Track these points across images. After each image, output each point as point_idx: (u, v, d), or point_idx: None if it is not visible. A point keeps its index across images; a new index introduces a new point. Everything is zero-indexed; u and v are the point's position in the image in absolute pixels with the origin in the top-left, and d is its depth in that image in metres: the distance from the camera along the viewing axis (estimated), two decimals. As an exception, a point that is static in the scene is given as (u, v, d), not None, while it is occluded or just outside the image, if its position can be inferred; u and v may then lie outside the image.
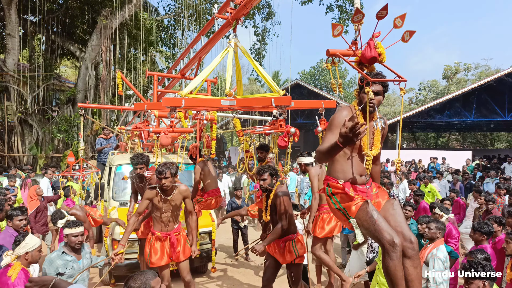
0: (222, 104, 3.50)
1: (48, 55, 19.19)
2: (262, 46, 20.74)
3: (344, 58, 2.69)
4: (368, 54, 2.52)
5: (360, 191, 2.53)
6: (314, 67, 44.81)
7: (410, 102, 40.29)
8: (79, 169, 7.37)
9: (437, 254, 3.85)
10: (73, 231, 3.60)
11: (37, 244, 3.34)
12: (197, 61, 4.80)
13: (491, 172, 11.48)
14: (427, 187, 8.91)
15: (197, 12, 18.73)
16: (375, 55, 2.51)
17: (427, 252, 3.97)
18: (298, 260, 4.20)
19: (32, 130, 17.69)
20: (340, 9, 17.42)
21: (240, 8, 3.57)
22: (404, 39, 2.61)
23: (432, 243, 4.01)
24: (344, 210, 2.49)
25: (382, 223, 2.39)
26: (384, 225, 2.38)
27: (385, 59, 2.58)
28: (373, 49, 2.52)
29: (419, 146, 37.33)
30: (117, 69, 18.60)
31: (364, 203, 2.45)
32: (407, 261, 2.43)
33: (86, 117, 7.36)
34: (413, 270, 2.43)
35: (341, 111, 2.61)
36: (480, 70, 35.60)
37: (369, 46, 2.53)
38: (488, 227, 4.13)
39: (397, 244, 2.32)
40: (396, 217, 2.52)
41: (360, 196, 2.49)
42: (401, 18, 2.52)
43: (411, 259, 2.43)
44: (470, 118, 20.78)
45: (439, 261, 3.82)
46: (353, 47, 2.73)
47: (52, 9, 18.27)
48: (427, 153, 18.24)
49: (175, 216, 4.42)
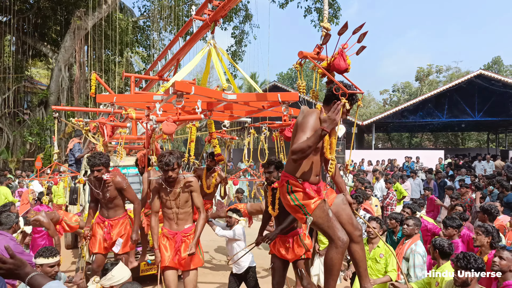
0: (223, 97, 3.52)
1: (19, 56, 18.59)
2: (239, 49, 20.76)
3: (314, 62, 2.88)
4: (342, 65, 2.71)
5: (315, 190, 2.72)
6: (292, 69, 45.20)
7: (385, 103, 41.22)
8: (55, 172, 7.20)
9: (416, 250, 4.04)
10: (48, 261, 3.36)
11: (126, 277, 3.11)
12: (175, 62, 4.78)
13: (462, 170, 11.90)
14: (394, 186, 9.38)
15: (173, 14, 18.57)
16: (348, 67, 2.72)
17: (406, 247, 4.14)
18: (307, 254, 4.11)
19: (2, 134, 17.09)
20: (319, 12, 17.64)
21: (218, 10, 3.57)
22: (357, 53, 2.79)
23: (410, 239, 4.18)
24: (303, 207, 2.68)
25: (335, 221, 2.71)
26: (336, 223, 2.71)
27: (349, 70, 2.77)
28: (345, 61, 2.71)
29: (393, 146, 38.22)
30: (91, 71, 18.21)
31: (321, 201, 2.69)
32: (355, 246, 2.87)
33: (61, 119, 7.16)
34: (361, 252, 2.90)
35: (312, 114, 2.64)
36: (451, 72, 36.80)
37: (343, 57, 2.70)
38: (458, 221, 4.35)
39: (346, 242, 2.68)
40: (346, 210, 2.89)
41: (317, 195, 2.71)
42: (363, 35, 2.68)
43: (359, 243, 2.88)
44: (442, 119, 21.44)
45: (419, 256, 4.01)
46: (317, 51, 2.91)
47: (23, 9, 17.71)
48: (401, 152, 18.69)
49: (185, 213, 3.92)
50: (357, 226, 2.89)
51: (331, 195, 2.93)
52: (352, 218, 2.90)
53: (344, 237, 2.66)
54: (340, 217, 2.83)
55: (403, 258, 4.12)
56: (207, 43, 3.84)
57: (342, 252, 2.68)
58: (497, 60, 37.85)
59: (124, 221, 4.54)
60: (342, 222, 2.81)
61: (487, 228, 3.76)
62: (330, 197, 2.89)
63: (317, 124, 2.56)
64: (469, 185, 9.83)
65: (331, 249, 2.71)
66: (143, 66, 22.83)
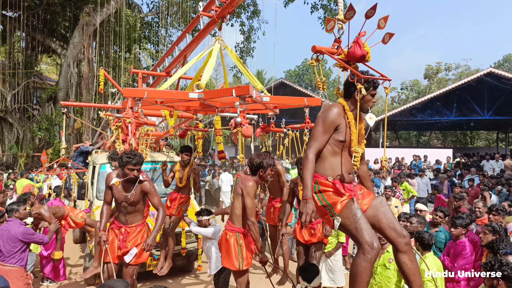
0: (190, 97, 3.44)
1: (28, 52, 18.73)
2: (248, 45, 20.70)
3: (330, 54, 2.69)
4: (358, 52, 2.53)
5: (348, 189, 2.52)
6: (299, 66, 44.99)
7: (393, 101, 40.92)
8: (62, 167, 7.27)
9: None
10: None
11: None
12: (182, 59, 4.78)
13: (472, 170, 11.77)
14: (402, 185, 9.20)
15: (181, 10, 18.57)
16: (364, 53, 2.54)
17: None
18: (325, 240, 4.61)
19: (12, 128, 17.29)
20: (325, 8, 17.51)
21: (226, 6, 3.56)
22: (384, 40, 2.66)
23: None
24: (330, 207, 2.48)
25: (365, 223, 2.40)
26: (366, 226, 2.39)
27: (370, 58, 2.61)
28: (362, 47, 2.53)
29: (401, 144, 37.95)
30: (99, 67, 18.32)
31: (349, 200, 2.45)
32: (403, 256, 2.47)
33: (69, 115, 7.19)
34: (411, 264, 2.47)
35: (332, 108, 2.60)
36: (461, 70, 36.44)
37: (358, 44, 2.54)
38: (465, 220, 4.30)
39: (375, 248, 2.34)
40: (387, 214, 2.54)
41: (347, 194, 2.49)
42: (384, 20, 2.57)
43: (406, 253, 2.47)
44: (451, 117, 21.23)
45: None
46: (336, 45, 2.74)
47: (32, 5, 17.83)
48: (409, 151, 18.55)
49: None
50: (402, 232, 2.50)
51: (368, 196, 2.65)
52: (395, 223, 2.53)
53: (374, 242, 2.34)
54: (380, 221, 2.52)
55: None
56: (215, 39, 3.81)
57: (370, 260, 2.34)
58: (509, 58, 37.34)
59: (142, 229, 4.16)
60: (383, 228, 2.52)
61: (494, 227, 3.77)
62: (366, 200, 2.62)
63: (334, 119, 2.54)
64: (477, 185, 9.74)
65: (358, 256, 2.40)
66: (151, 63, 22.91)
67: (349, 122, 2.60)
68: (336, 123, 2.54)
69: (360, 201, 2.58)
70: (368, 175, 2.97)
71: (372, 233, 2.40)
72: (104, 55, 18.76)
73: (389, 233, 2.50)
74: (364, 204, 2.57)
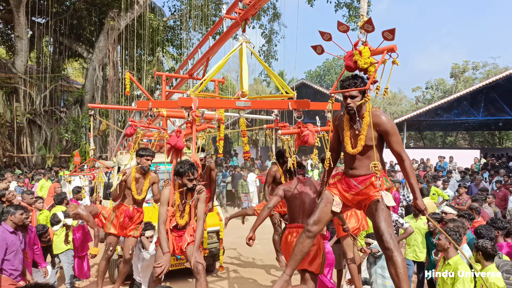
0: (237, 105, 3.54)
1: (56, 57, 19.37)
2: (270, 48, 20.74)
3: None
4: (345, 64, 2.76)
5: (346, 181, 2.96)
6: (320, 66, 44.74)
7: (417, 101, 40.03)
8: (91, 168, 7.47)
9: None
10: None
11: None
12: (205, 61, 4.83)
13: (501, 171, 11.39)
14: (430, 189, 8.60)
15: (202, 13, 18.78)
16: (350, 65, 2.70)
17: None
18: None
19: (41, 130, 17.89)
20: (349, 7, 17.33)
21: (249, 8, 3.57)
22: (387, 38, 2.61)
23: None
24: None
25: (317, 210, 2.97)
26: (315, 211, 2.97)
27: (363, 65, 2.64)
28: (348, 58, 2.70)
29: (426, 145, 37.10)
30: (124, 70, 18.74)
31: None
32: (386, 261, 2.69)
33: (96, 117, 7.38)
34: (391, 269, 2.64)
35: (336, 114, 3.09)
36: (488, 69, 35.25)
37: (346, 56, 2.74)
38: (503, 223, 4.15)
39: (309, 230, 2.93)
40: (376, 218, 2.73)
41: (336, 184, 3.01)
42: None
43: (387, 258, 2.67)
44: (478, 117, 20.59)
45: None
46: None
47: (60, 11, 18.43)
48: (434, 152, 18.11)
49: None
50: (386, 239, 2.67)
51: (366, 195, 2.93)
52: (383, 230, 2.71)
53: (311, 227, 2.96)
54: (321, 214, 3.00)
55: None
56: (239, 41, 3.82)
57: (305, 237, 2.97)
58: (539, 55, 35.91)
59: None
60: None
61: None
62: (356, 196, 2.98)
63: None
64: (502, 185, 9.41)
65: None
66: (172, 65, 23.25)
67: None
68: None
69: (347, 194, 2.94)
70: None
71: (318, 220, 2.93)
72: (129, 59, 19.18)
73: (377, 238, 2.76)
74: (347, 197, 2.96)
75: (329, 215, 2.96)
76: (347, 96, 2.78)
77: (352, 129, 2.85)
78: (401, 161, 2.86)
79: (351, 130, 2.86)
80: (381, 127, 2.77)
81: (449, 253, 3.55)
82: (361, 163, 2.84)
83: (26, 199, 5.95)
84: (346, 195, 2.93)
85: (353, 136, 2.84)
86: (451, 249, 3.54)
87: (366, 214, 2.92)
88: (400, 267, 2.57)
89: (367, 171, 2.82)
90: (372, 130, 2.73)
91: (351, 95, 2.77)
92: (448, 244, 3.56)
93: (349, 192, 2.90)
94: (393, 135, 2.79)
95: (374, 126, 2.75)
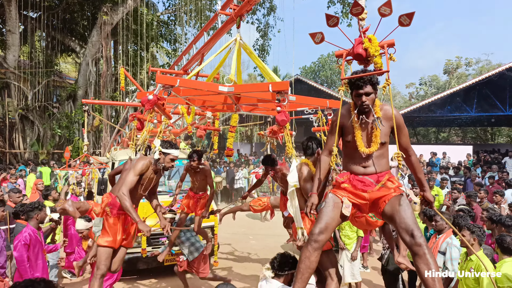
0: (220, 90, 3.48)
1: (48, 51, 19.16)
2: (265, 42, 20.67)
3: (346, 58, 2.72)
4: (352, 52, 2.60)
5: (358, 180, 2.69)
6: (315, 62, 44.65)
7: (411, 97, 40.26)
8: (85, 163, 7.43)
9: (453, 243, 4.01)
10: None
11: None
12: (200, 57, 4.81)
13: (493, 167, 11.50)
14: (433, 190, 7.87)
15: (197, 8, 18.66)
16: (361, 52, 2.55)
17: (441, 242, 4.14)
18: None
19: (33, 126, 17.72)
20: (342, 3, 17.35)
21: (244, 4, 3.56)
22: (403, 23, 2.51)
23: (443, 234, 4.20)
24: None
25: (322, 216, 2.61)
26: (319, 216, 2.62)
27: (375, 52, 2.54)
28: (357, 46, 2.55)
29: (419, 141, 37.33)
30: (118, 65, 18.60)
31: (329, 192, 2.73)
32: (416, 259, 2.40)
33: (90, 113, 7.33)
34: (423, 267, 2.36)
35: (339, 110, 2.81)
36: (481, 65, 35.52)
37: (354, 44, 2.58)
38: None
39: (315, 240, 2.53)
40: (401, 213, 2.49)
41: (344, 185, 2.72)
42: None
43: (418, 255, 2.38)
44: (471, 113, 20.74)
45: (455, 249, 3.97)
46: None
47: (52, 5, 18.21)
48: (428, 148, 18.24)
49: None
50: (412, 230, 2.45)
51: (385, 191, 2.74)
52: (406, 222, 2.51)
53: (315, 237, 2.57)
54: (327, 220, 2.73)
55: (439, 252, 4.11)
56: (234, 39, 3.84)
57: (310, 249, 2.55)
58: (531, 52, 36.23)
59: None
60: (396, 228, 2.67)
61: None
62: (376, 194, 2.71)
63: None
64: (495, 181, 9.51)
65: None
66: (167, 60, 23.12)
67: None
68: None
69: (364, 193, 2.68)
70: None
71: (324, 227, 2.57)
72: (122, 54, 19.03)
73: (403, 236, 2.46)
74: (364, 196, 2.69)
75: (337, 221, 2.65)
76: (362, 94, 2.58)
77: (363, 127, 2.68)
78: (409, 156, 2.79)
79: (363, 128, 2.69)
80: (392, 121, 2.68)
81: (474, 249, 3.48)
82: (376, 160, 2.69)
83: (13, 198, 5.84)
84: (362, 195, 2.65)
85: (366, 135, 2.69)
86: (474, 245, 3.53)
87: (381, 213, 2.64)
88: (433, 264, 2.35)
89: (382, 168, 2.70)
90: (385, 127, 2.65)
91: (367, 92, 2.58)
92: (473, 241, 3.53)
93: (367, 191, 2.64)
94: (404, 128, 2.73)
95: (386, 120, 2.65)
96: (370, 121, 2.65)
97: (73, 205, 4.83)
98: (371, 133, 2.66)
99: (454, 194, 7.32)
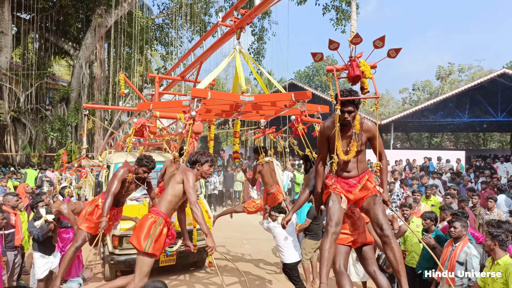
0: (241, 99, 3.77)
1: (41, 53, 19.01)
2: (260, 45, 20.71)
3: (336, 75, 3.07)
4: (351, 74, 2.89)
5: (344, 182, 3.19)
6: (309, 67, 44.86)
7: (404, 103, 40.57)
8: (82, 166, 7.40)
9: (472, 252, 3.94)
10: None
11: None
12: (198, 64, 4.82)
13: (485, 172, 11.59)
14: (429, 200, 7.47)
15: (192, 11, 18.66)
16: (359, 74, 2.87)
17: (459, 251, 4.02)
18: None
19: (25, 129, 17.54)
20: (337, 10, 17.44)
21: (244, 17, 3.63)
22: (391, 55, 2.91)
23: (460, 241, 4.06)
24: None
25: (334, 211, 3.03)
26: (332, 212, 3.02)
27: (370, 75, 2.91)
28: (356, 69, 2.86)
29: (412, 146, 37.61)
30: (111, 68, 18.52)
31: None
32: (384, 247, 3.01)
33: (90, 117, 7.29)
34: (390, 253, 2.96)
35: (325, 122, 3.23)
36: (473, 71, 35.96)
37: (352, 67, 2.87)
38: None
39: (335, 232, 2.96)
40: (375, 210, 3.04)
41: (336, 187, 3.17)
42: (380, 40, 2.81)
43: (386, 244, 2.97)
44: (463, 118, 20.95)
45: (475, 258, 3.91)
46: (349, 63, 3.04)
47: (46, 7, 18.08)
48: (421, 153, 18.34)
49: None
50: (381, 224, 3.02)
51: (364, 192, 3.19)
52: (379, 218, 3.04)
53: (331, 228, 3.02)
54: (338, 214, 3.10)
55: (457, 262, 4.00)
56: (233, 50, 3.91)
57: (329, 239, 2.95)
58: (522, 58, 36.74)
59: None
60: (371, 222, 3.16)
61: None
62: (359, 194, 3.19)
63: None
64: (487, 185, 9.56)
65: (323, 235, 3.11)
66: (162, 64, 23.07)
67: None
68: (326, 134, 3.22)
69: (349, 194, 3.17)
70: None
71: (337, 220, 2.99)
72: (116, 57, 18.95)
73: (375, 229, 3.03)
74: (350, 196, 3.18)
75: (343, 214, 3.13)
76: (345, 111, 3.00)
77: (344, 137, 3.14)
78: (381, 160, 3.26)
79: (343, 138, 3.14)
80: (369, 133, 3.19)
81: (497, 253, 3.55)
82: (354, 165, 3.21)
83: (11, 202, 5.76)
84: (348, 196, 3.17)
85: (345, 144, 3.15)
86: (498, 249, 3.56)
87: (360, 208, 3.20)
88: (397, 251, 2.97)
89: (360, 171, 3.21)
90: (363, 137, 3.16)
91: (349, 110, 3.01)
92: (494, 245, 3.57)
93: (353, 191, 3.15)
94: (378, 137, 3.21)
95: (364, 132, 3.15)
96: (349, 133, 3.12)
97: (68, 207, 4.80)
98: (349, 143, 3.13)
99: (448, 199, 7.25)
